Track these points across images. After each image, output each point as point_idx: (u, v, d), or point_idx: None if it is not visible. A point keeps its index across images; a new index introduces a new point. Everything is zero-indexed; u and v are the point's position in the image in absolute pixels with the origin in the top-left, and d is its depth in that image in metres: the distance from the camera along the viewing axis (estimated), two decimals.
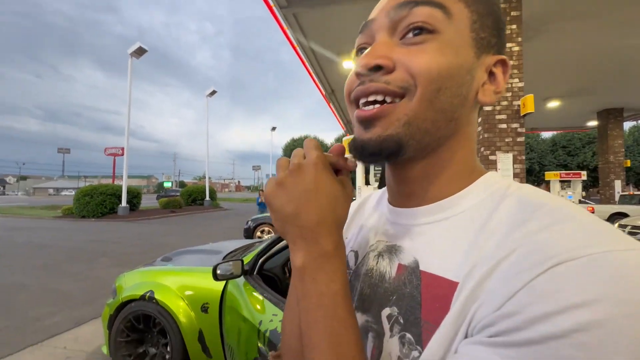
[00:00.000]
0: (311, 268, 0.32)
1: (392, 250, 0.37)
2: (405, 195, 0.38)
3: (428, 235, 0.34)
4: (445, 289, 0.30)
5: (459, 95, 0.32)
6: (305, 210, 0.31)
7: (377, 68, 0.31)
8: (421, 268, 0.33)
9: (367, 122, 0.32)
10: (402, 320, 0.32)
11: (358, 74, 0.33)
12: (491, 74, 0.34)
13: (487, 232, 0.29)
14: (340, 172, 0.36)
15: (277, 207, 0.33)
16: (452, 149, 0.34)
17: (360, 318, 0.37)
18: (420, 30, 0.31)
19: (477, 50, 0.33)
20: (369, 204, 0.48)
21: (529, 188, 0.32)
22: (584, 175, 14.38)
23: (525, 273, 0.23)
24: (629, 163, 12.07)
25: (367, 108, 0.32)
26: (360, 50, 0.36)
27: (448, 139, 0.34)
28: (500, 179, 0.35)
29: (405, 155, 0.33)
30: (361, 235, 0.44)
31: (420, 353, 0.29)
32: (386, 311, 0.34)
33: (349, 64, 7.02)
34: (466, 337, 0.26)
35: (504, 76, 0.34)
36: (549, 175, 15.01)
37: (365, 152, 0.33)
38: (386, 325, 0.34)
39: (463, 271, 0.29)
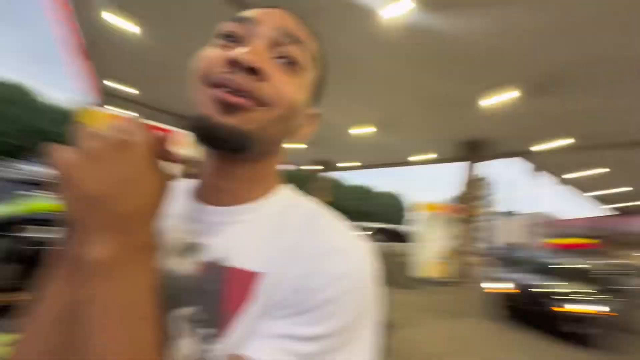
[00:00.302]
0: (123, 262, 0.29)
1: (194, 248, 0.38)
2: (225, 192, 0.39)
3: (233, 233, 0.37)
4: (248, 279, 0.34)
5: (294, 125, 0.39)
6: (125, 195, 0.28)
7: (253, 71, 0.33)
8: (226, 263, 0.35)
9: (231, 108, 0.33)
10: (205, 317, 0.34)
11: (232, 63, 0.33)
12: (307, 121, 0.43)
13: (283, 231, 0.37)
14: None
15: (82, 184, 0.27)
16: (273, 161, 0.41)
17: (160, 320, 0.33)
18: (295, 64, 0.37)
19: (310, 100, 0.41)
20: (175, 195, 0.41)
21: (312, 202, 0.41)
22: None
23: (311, 261, 0.34)
24: None
25: (233, 96, 0.33)
26: (227, 36, 0.37)
27: (275, 153, 0.41)
28: (294, 192, 0.43)
29: (246, 153, 0.35)
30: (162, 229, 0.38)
31: (216, 331, 0.33)
32: (186, 310, 0.35)
33: (112, 19, 5.16)
34: (268, 319, 0.32)
35: (314, 126, 0.44)
36: None
37: (218, 135, 0.33)
38: (186, 325, 0.35)
39: (265, 262, 0.35)
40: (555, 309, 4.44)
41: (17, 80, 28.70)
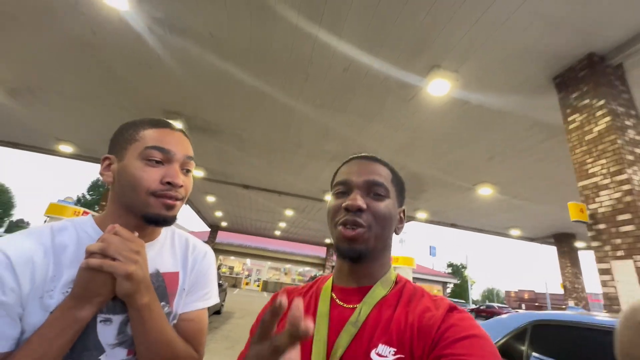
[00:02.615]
0: (153, 302, 0.61)
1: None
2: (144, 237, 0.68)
3: (155, 253, 0.69)
4: (174, 275, 0.71)
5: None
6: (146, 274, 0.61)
7: (178, 184, 0.65)
8: (161, 271, 0.69)
9: (170, 207, 0.64)
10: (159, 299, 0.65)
11: (169, 183, 0.64)
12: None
13: (175, 247, 0.76)
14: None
15: (139, 275, 0.59)
16: None
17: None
18: (190, 171, 0.70)
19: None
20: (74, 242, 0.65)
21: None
22: None
23: (198, 260, 0.77)
24: None
25: (171, 201, 0.64)
26: (154, 160, 0.64)
27: None
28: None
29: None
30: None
31: (169, 307, 0.68)
32: None
33: None
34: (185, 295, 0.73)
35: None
36: None
37: (167, 221, 0.65)
38: None
39: (176, 266, 0.73)
40: None
41: None
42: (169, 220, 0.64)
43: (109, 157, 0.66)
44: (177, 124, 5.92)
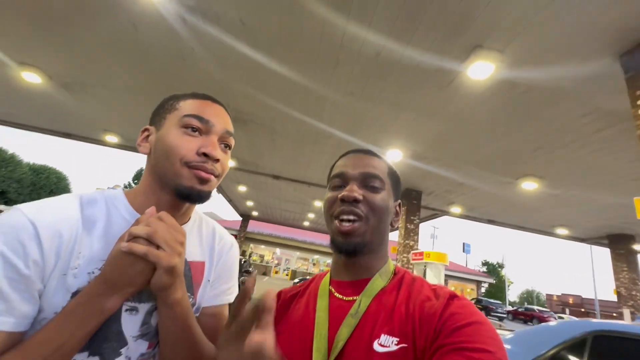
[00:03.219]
0: (185, 298, 0.57)
1: None
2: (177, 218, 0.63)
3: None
4: (200, 265, 0.67)
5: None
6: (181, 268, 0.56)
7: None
8: (188, 259, 0.64)
9: (204, 181, 0.60)
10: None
11: (205, 154, 0.59)
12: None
13: (203, 237, 0.71)
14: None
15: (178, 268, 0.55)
16: None
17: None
18: (229, 147, 0.67)
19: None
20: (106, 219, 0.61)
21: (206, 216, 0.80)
22: None
23: (224, 251, 0.74)
24: None
25: (206, 174, 0.60)
26: (192, 129, 0.60)
27: None
28: (198, 211, 0.75)
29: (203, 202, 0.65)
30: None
31: (193, 298, 0.64)
32: None
33: None
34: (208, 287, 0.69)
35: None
36: None
37: (200, 195, 0.60)
38: None
39: (202, 255, 0.69)
40: None
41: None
42: (202, 196, 0.59)
43: (148, 128, 0.64)
44: None
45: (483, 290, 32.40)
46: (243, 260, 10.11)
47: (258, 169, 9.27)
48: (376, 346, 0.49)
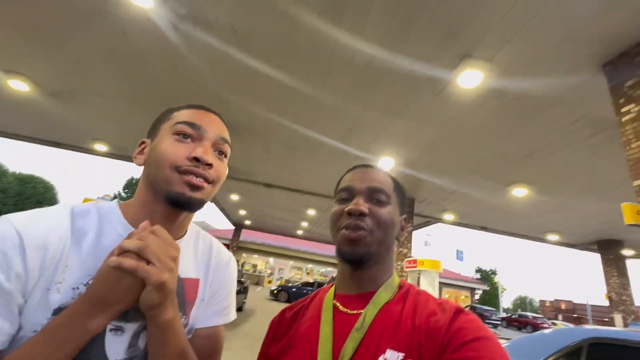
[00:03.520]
0: (177, 318, 0.53)
1: None
2: (171, 231, 0.58)
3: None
4: (194, 282, 0.63)
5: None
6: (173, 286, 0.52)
7: (207, 164, 0.57)
8: (181, 276, 0.60)
9: (195, 188, 0.56)
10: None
11: (196, 159, 0.57)
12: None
13: (198, 253, 0.67)
14: None
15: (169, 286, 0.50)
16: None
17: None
18: (224, 154, 0.64)
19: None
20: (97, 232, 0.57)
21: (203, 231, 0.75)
22: None
23: (221, 268, 0.69)
24: None
25: (197, 181, 0.57)
26: (184, 135, 0.59)
27: None
28: (194, 225, 0.70)
29: (197, 210, 0.62)
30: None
31: (185, 318, 0.60)
32: None
33: None
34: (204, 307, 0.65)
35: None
36: None
37: (191, 203, 0.57)
38: None
39: (197, 272, 0.64)
40: None
41: None
42: (193, 203, 0.56)
43: (145, 141, 0.63)
44: None
45: (477, 297, 32.43)
46: None
47: (250, 177, 9.20)
48: None
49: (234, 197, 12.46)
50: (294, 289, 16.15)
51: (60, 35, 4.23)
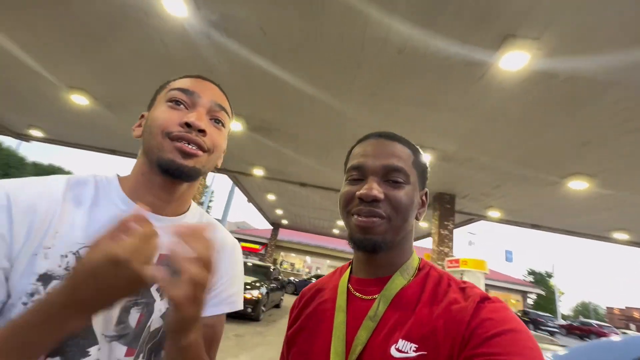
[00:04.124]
0: (198, 337, 0.48)
1: None
2: (168, 205, 0.59)
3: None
4: None
5: (219, 159, 0.63)
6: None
7: (200, 130, 0.55)
8: None
9: (187, 155, 0.54)
10: None
11: (188, 125, 0.54)
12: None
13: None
14: None
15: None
16: (197, 185, 0.66)
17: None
18: (221, 122, 0.61)
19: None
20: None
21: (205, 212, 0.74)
22: None
23: (226, 253, 0.66)
24: None
25: (189, 148, 0.54)
26: (176, 102, 0.57)
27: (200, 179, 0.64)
28: (197, 205, 0.69)
29: (192, 181, 0.60)
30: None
31: None
32: (155, 285, 0.54)
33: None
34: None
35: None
36: None
37: (182, 171, 0.54)
38: (156, 295, 0.54)
39: None
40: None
41: None
42: (184, 171, 0.53)
43: (144, 114, 0.62)
44: (238, 124, 6.30)
45: (530, 301, 29.88)
46: (272, 268, 10.20)
47: (285, 176, 9.36)
48: (393, 351, 0.45)
49: (271, 196, 12.78)
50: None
51: (110, 50, 4.64)
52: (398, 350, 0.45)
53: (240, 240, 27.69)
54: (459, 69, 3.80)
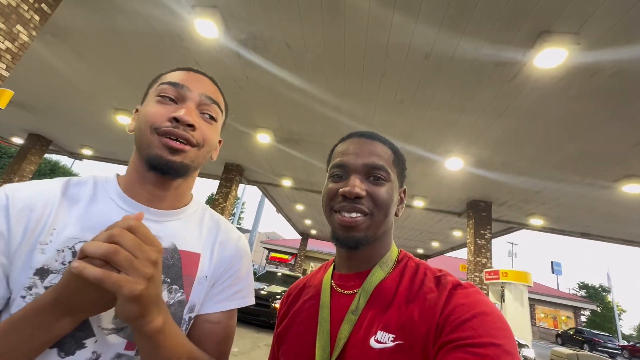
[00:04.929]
0: (168, 324, 0.46)
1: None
2: (162, 200, 0.58)
3: (174, 227, 0.58)
4: (194, 258, 0.58)
5: (209, 154, 0.62)
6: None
7: (189, 125, 0.54)
8: (178, 247, 0.57)
9: (175, 151, 0.53)
10: (169, 279, 0.54)
11: (176, 119, 0.53)
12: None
13: (203, 227, 0.63)
14: None
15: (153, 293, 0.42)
16: (193, 179, 0.65)
17: None
18: (212, 117, 0.60)
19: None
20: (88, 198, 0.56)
21: (208, 207, 0.72)
22: None
23: (229, 246, 0.64)
24: None
25: (177, 143, 0.54)
26: (165, 96, 0.56)
27: (195, 173, 0.64)
28: (199, 200, 0.69)
29: (183, 176, 0.58)
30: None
31: (182, 294, 0.55)
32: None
33: None
34: (213, 284, 0.61)
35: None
36: None
37: (170, 167, 0.53)
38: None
39: (199, 247, 0.60)
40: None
41: None
42: (172, 167, 0.52)
43: (138, 108, 0.61)
44: (266, 137, 6.50)
45: (583, 318, 27.10)
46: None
47: (312, 187, 9.43)
48: (372, 343, 0.47)
49: (299, 207, 12.90)
50: None
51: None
52: (377, 341, 0.47)
53: (270, 250, 28.18)
54: (489, 70, 3.66)
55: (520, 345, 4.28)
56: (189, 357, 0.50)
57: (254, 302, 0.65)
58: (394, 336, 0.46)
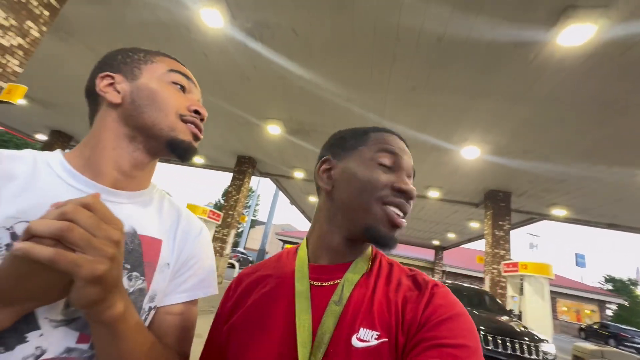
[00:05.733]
0: (128, 311, 0.42)
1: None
2: (134, 180, 0.56)
3: (134, 210, 0.54)
4: (156, 244, 0.55)
5: None
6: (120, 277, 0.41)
7: (201, 116, 0.59)
8: (138, 232, 0.53)
9: (196, 137, 0.58)
10: (129, 266, 0.50)
11: (197, 112, 0.58)
12: None
13: (163, 212, 0.60)
14: None
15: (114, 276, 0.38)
16: None
17: None
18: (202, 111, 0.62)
19: None
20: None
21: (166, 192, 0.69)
22: None
23: (192, 235, 0.61)
24: None
25: (198, 131, 0.58)
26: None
27: None
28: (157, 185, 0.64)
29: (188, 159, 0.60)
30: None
31: (143, 281, 0.51)
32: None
33: None
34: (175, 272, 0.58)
35: None
36: None
37: (192, 152, 0.57)
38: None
39: (159, 233, 0.56)
40: None
41: None
42: (192, 151, 0.57)
43: (112, 75, 0.54)
44: (277, 128, 6.46)
45: (609, 312, 26.06)
46: None
47: None
48: (354, 341, 0.44)
49: (312, 199, 12.90)
50: None
51: None
52: (360, 339, 0.44)
53: (285, 242, 28.53)
54: (507, 51, 3.43)
55: (540, 340, 4.12)
56: (150, 348, 0.46)
57: (217, 292, 0.62)
58: (379, 334, 0.44)
